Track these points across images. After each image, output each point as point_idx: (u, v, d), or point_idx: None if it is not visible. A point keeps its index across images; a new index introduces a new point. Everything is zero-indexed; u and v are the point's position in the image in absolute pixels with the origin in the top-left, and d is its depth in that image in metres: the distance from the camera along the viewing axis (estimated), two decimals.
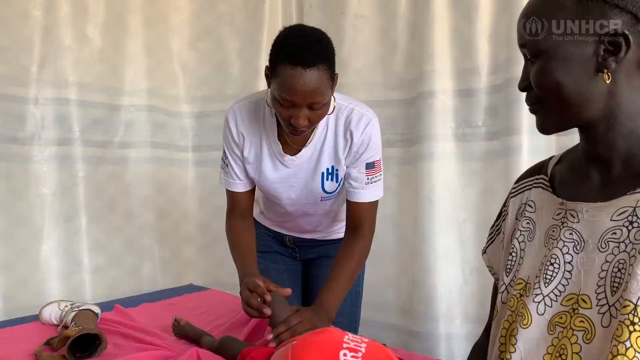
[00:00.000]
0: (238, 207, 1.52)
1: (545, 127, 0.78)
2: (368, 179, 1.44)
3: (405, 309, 2.10)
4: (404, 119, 2.14)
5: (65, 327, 1.42)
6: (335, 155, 1.43)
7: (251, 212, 1.55)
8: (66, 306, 1.48)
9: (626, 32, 0.68)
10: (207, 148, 2.65)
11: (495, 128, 1.96)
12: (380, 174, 1.47)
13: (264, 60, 2.54)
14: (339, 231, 1.70)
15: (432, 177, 2.03)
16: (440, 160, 2.02)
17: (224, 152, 1.48)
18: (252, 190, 1.53)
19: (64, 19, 2.22)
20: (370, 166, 1.44)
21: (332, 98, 1.31)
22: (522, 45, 0.77)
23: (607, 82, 0.70)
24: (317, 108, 1.24)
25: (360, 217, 1.46)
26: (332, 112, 1.35)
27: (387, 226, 2.16)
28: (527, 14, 0.76)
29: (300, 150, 1.43)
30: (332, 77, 1.26)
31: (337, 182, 1.48)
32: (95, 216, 2.36)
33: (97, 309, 1.50)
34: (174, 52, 2.60)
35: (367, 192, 1.45)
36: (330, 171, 1.45)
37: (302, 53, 1.18)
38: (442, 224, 2.01)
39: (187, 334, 1.39)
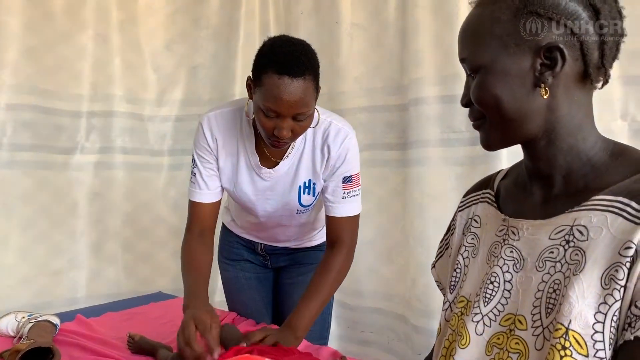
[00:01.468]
0: (199, 223, 1.43)
1: (488, 143, 0.77)
2: (345, 193, 1.42)
3: (409, 303, 2.15)
4: (401, 123, 2.16)
5: (21, 338, 1.39)
6: (313, 168, 1.41)
7: (212, 232, 1.47)
8: (23, 317, 1.45)
9: (561, 45, 0.67)
10: (181, 152, 2.62)
11: (477, 134, 1.96)
12: (359, 189, 1.45)
13: (240, 64, 2.52)
14: (311, 239, 1.68)
15: (422, 181, 2.05)
16: (429, 164, 2.04)
17: (194, 160, 1.43)
18: (217, 206, 1.47)
19: (33, 26, 2.20)
20: (347, 180, 1.41)
21: (316, 111, 1.29)
22: (462, 60, 0.75)
23: (545, 97, 0.69)
24: (302, 119, 1.22)
25: (339, 233, 1.44)
26: (316, 125, 1.33)
27: (394, 224, 2.20)
28: (466, 29, 0.75)
29: (277, 163, 1.40)
30: (317, 89, 1.24)
31: (313, 195, 1.46)
32: (57, 221, 2.34)
33: (55, 320, 1.47)
34: (147, 56, 2.57)
35: (343, 207, 1.43)
36: (307, 185, 1.43)
37: (290, 62, 1.15)
38: (432, 226, 2.02)
39: (142, 348, 1.36)
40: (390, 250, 2.22)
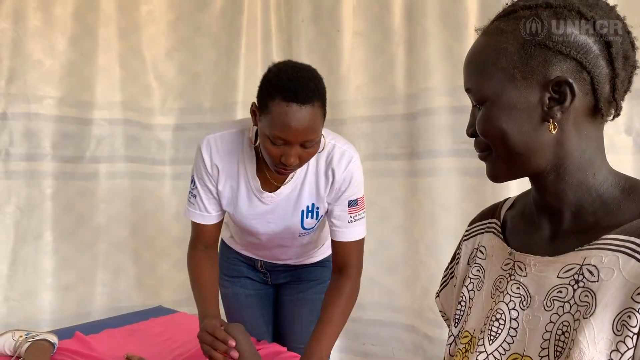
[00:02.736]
0: (202, 239, 1.45)
1: (495, 175, 0.74)
2: (351, 217, 1.40)
3: (419, 313, 2.13)
4: (405, 133, 2.14)
5: (19, 357, 1.37)
6: (316, 192, 1.39)
7: (216, 244, 1.49)
8: (21, 336, 1.43)
9: (570, 80, 0.64)
10: (183, 161, 2.59)
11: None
12: (364, 211, 1.43)
13: (241, 72, 2.49)
14: (312, 256, 1.66)
15: (433, 191, 2.04)
16: (440, 175, 2.02)
17: (193, 181, 1.41)
18: (219, 224, 1.47)
19: (33, 32, 2.17)
20: (353, 204, 1.40)
21: (322, 136, 1.27)
22: (467, 90, 0.73)
23: (553, 132, 0.66)
24: (309, 146, 1.20)
25: (346, 258, 1.42)
26: (322, 149, 1.30)
27: (398, 235, 2.19)
28: (471, 58, 0.72)
29: (279, 187, 1.38)
30: (324, 115, 1.22)
31: (317, 219, 1.44)
32: (65, 233, 2.30)
33: (53, 339, 1.44)
34: (149, 63, 2.55)
35: (350, 231, 1.41)
36: (310, 209, 1.42)
37: (297, 89, 1.13)
38: (443, 237, 2.01)
39: None
40: (394, 261, 2.20)
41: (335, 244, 1.43)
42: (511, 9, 0.69)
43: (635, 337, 0.58)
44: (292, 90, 1.13)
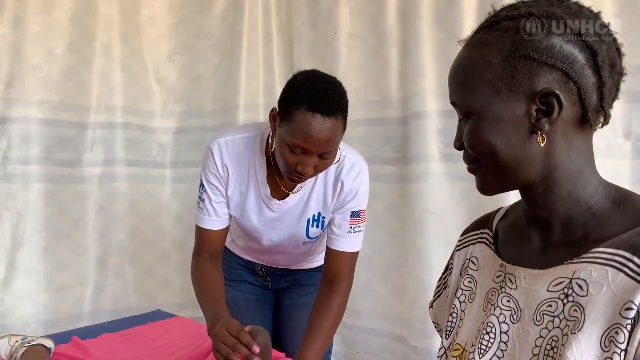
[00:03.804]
0: (208, 247, 1.42)
1: (484, 188, 0.73)
2: (351, 227, 1.40)
3: (407, 323, 2.10)
4: (399, 137, 2.13)
5: None
6: (323, 202, 1.39)
7: (221, 254, 1.47)
8: (17, 341, 1.43)
9: (557, 91, 0.63)
10: (184, 164, 2.60)
11: None
12: (364, 225, 1.42)
13: (243, 75, 2.49)
14: (312, 260, 1.66)
15: (424, 196, 2.01)
16: (431, 179, 2.00)
17: (202, 185, 1.40)
18: (225, 231, 1.45)
19: (33, 37, 2.18)
20: (355, 215, 1.40)
21: (339, 148, 1.27)
22: (453, 103, 0.72)
23: (542, 144, 0.65)
24: (327, 157, 1.21)
25: (339, 269, 1.41)
26: (337, 161, 1.30)
27: (390, 241, 2.17)
28: (456, 72, 0.72)
29: (288, 195, 1.38)
30: (345, 128, 1.23)
31: (321, 228, 1.44)
32: (62, 235, 2.30)
33: (49, 344, 1.44)
34: (150, 67, 2.55)
35: (348, 241, 1.40)
36: (316, 218, 1.42)
37: (324, 100, 1.14)
38: (435, 243, 1.98)
39: None
40: (387, 268, 2.18)
41: (329, 253, 1.42)
42: (494, 20, 0.68)
43: (622, 353, 0.58)
44: (319, 101, 1.14)
